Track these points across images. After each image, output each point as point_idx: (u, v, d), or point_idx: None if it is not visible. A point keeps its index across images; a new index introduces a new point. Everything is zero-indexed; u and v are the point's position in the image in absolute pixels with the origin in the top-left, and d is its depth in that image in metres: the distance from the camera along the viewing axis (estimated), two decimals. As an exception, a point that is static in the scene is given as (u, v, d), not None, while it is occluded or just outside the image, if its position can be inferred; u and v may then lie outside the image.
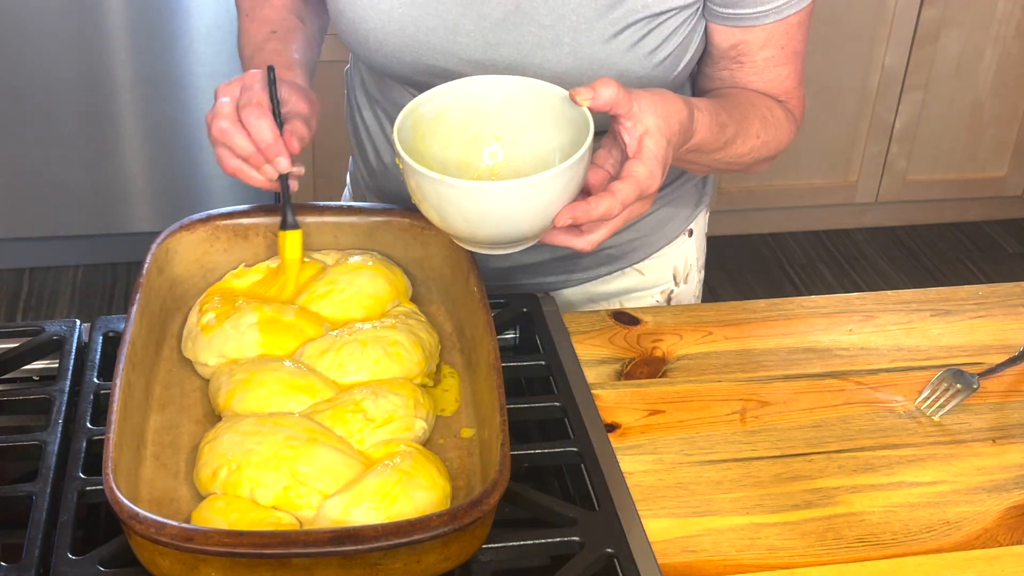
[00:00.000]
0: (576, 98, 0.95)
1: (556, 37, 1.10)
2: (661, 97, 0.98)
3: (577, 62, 1.10)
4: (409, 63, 1.14)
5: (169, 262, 1.09)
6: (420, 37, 1.12)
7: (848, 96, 3.10)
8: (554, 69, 1.10)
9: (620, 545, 0.90)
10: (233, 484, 0.90)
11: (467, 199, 0.94)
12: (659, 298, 1.38)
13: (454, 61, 1.12)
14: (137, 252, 2.11)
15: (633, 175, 0.95)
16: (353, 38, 1.16)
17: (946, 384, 1.16)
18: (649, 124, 0.96)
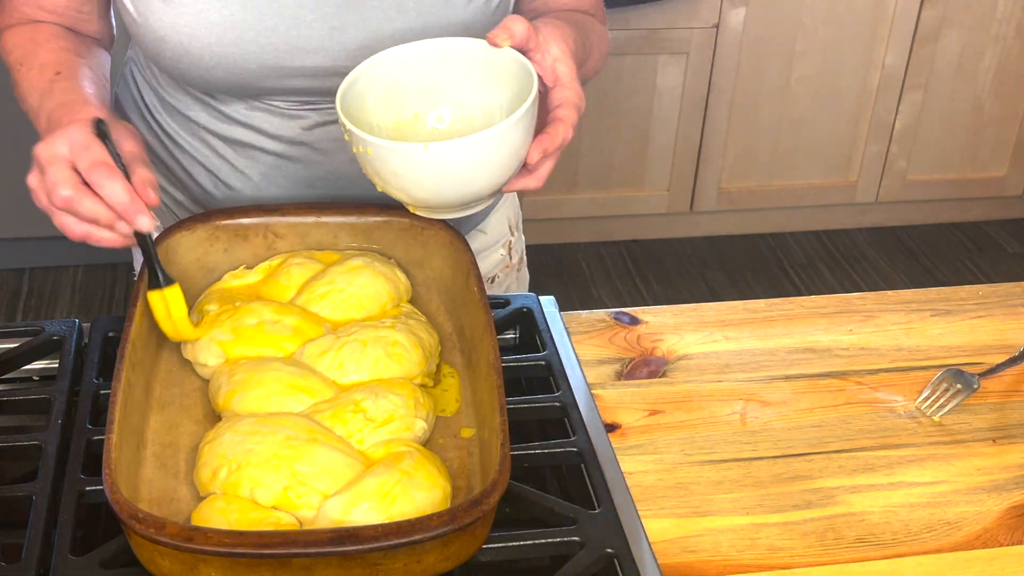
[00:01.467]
0: (496, 40, 1.00)
1: (399, 5, 1.09)
2: (554, 25, 1.05)
3: (424, 25, 1.10)
4: (253, 70, 1.11)
5: (169, 262, 1.09)
6: (261, 40, 1.09)
7: (848, 96, 3.10)
8: (405, 38, 1.09)
9: (620, 545, 0.90)
10: (233, 484, 0.90)
11: (440, 161, 0.95)
12: (503, 252, 1.39)
13: (300, 55, 1.10)
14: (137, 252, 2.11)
15: (566, 99, 1.01)
16: (184, 62, 1.11)
17: (946, 384, 1.16)
18: (555, 52, 1.02)
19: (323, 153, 1.18)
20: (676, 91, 2.99)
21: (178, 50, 1.10)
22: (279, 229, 1.14)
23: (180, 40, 1.09)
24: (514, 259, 1.42)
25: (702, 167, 3.13)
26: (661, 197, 3.16)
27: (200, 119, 1.20)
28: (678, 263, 3.21)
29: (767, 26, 2.96)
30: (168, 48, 1.11)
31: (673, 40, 2.92)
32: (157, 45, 1.11)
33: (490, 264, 1.38)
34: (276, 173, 1.20)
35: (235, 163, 1.20)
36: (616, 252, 3.23)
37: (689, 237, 3.31)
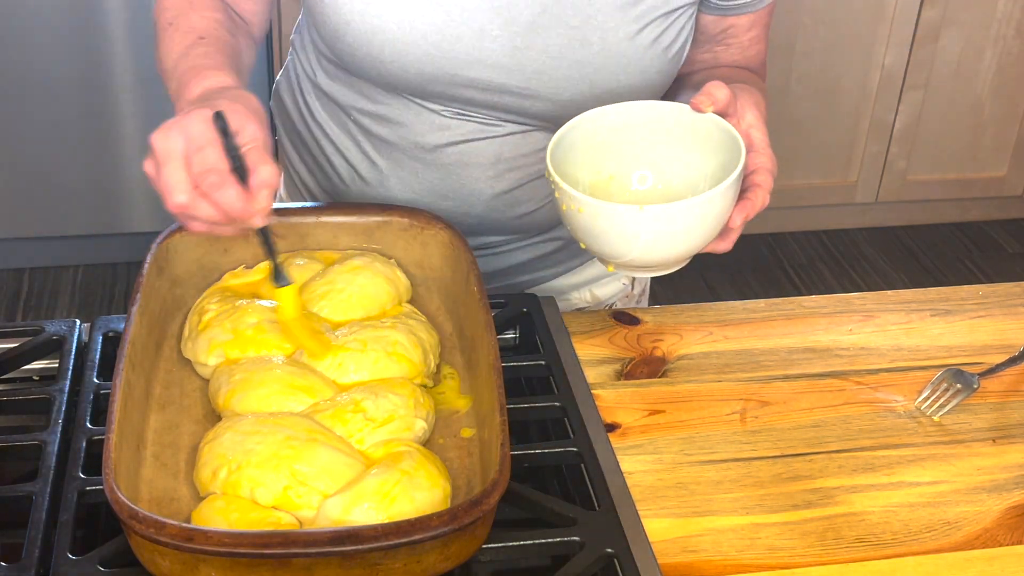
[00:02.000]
0: (700, 106, 1.03)
1: (584, 37, 1.10)
2: (748, 92, 1.07)
3: (604, 61, 1.11)
4: (428, 73, 1.11)
5: (169, 262, 1.09)
6: (444, 46, 1.10)
7: (848, 96, 3.11)
8: (582, 70, 1.11)
9: (620, 545, 0.90)
10: (233, 484, 0.90)
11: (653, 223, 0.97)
12: (625, 281, 1.40)
13: (479, 68, 1.11)
14: (137, 252, 2.11)
15: (761, 165, 1.05)
16: (363, 51, 1.11)
17: (946, 384, 1.16)
18: (750, 118, 1.05)
19: (464, 167, 1.19)
20: (676, 91, 2.99)
21: (360, 38, 1.10)
22: (279, 229, 1.13)
23: (365, 29, 1.10)
24: (636, 290, 1.42)
25: (702, 167, 3.12)
26: (661, 197, 3.16)
27: (351, 111, 1.20)
28: (678, 263, 3.21)
29: (767, 26, 2.95)
30: (351, 34, 1.11)
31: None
32: (340, 28, 1.11)
33: (609, 292, 1.39)
34: (413, 178, 1.20)
35: (376, 161, 1.21)
36: (616, 252, 3.23)
37: (689, 237, 3.30)
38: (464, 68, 1.11)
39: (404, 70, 1.12)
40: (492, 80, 1.12)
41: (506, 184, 1.20)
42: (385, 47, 1.10)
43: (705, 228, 1.00)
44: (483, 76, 1.12)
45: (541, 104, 1.14)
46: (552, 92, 1.12)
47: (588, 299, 1.38)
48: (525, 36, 1.10)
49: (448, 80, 1.12)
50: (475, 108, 1.15)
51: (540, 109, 1.14)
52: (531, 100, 1.13)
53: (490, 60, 1.11)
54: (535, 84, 1.12)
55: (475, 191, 1.20)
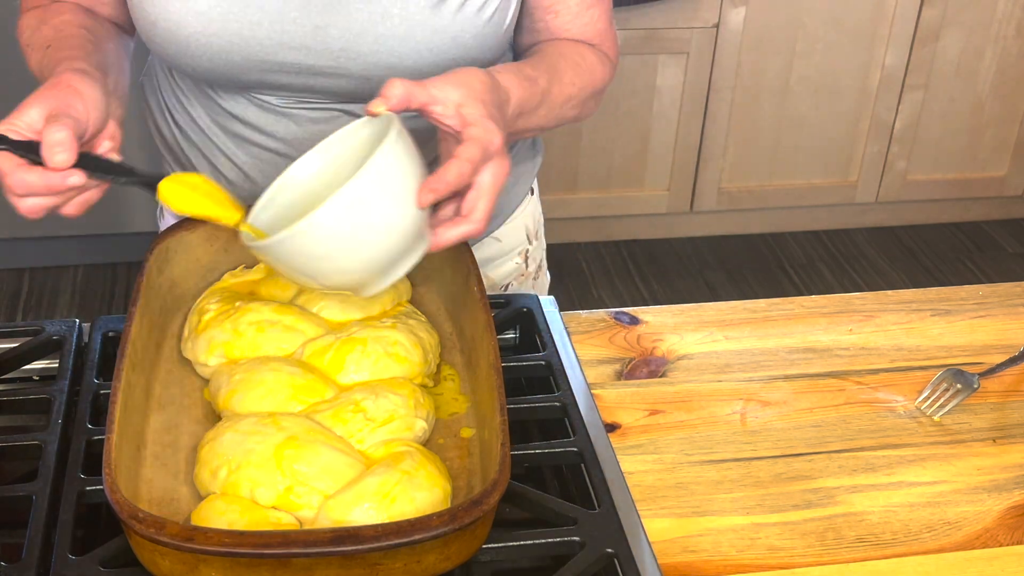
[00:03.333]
0: (372, 110, 0.93)
1: (384, 10, 1.09)
2: (453, 73, 0.98)
3: (409, 30, 1.09)
4: (237, 62, 1.11)
5: (169, 262, 1.09)
6: (245, 32, 1.09)
7: (848, 96, 3.11)
8: (388, 43, 1.10)
9: (620, 545, 0.90)
10: (233, 484, 0.90)
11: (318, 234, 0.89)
12: (518, 259, 1.39)
13: (284, 51, 1.11)
14: (137, 252, 2.11)
15: (470, 136, 0.94)
16: (173, 48, 1.11)
17: (946, 384, 1.16)
18: (455, 97, 0.95)
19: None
20: (676, 91, 2.99)
21: (167, 36, 1.11)
22: (279, 229, 1.14)
23: (169, 26, 1.10)
24: (531, 267, 1.41)
25: (702, 167, 3.13)
26: (661, 197, 3.16)
27: (200, 111, 1.21)
28: (678, 263, 3.21)
29: (767, 26, 2.96)
30: (159, 33, 1.11)
31: (673, 40, 2.92)
32: (149, 29, 1.12)
33: (503, 272, 1.38)
34: (272, 170, 1.19)
35: (234, 158, 1.21)
36: (616, 252, 3.24)
37: (689, 237, 3.31)
38: (270, 53, 1.11)
39: (212, 61, 1.12)
40: (300, 62, 1.11)
41: None
42: (190, 41, 1.10)
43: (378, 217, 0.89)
44: (289, 59, 1.11)
45: (355, 82, 1.12)
46: (362, 69, 1.11)
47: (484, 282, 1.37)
48: (324, 15, 1.09)
49: (260, 67, 1.12)
50: (301, 94, 1.15)
51: (355, 87, 1.13)
52: (343, 79, 1.12)
53: (294, 42, 1.10)
54: (344, 62, 1.11)
55: None
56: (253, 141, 1.19)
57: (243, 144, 1.20)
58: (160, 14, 1.10)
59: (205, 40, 1.10)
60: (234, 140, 1.21)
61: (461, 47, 1.11)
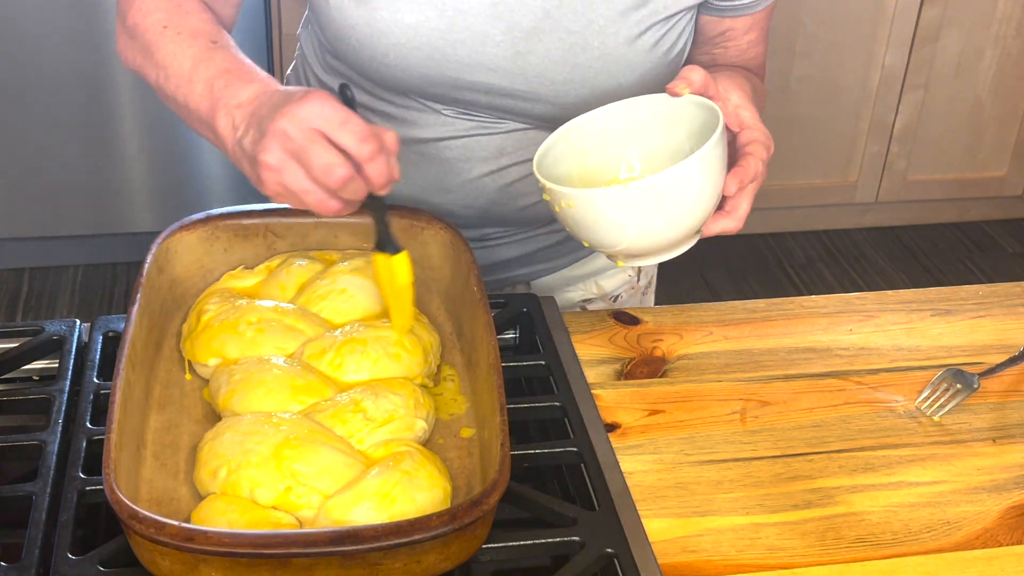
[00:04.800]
0: (676, 90, 1.02)
1: (584, 41, 1.11)
2: (729, 76, 1.07)
3: (605, 65, 1.12)
4: (431, 77, 1.12)
5: (169, 262, 1.09)
6: (447, 50, 1.10)
7: (848, 96, 3.10)
8: (583, 73, 1.12)
9: (620, 545, 0.90)
10: (233, 484, 0.90)
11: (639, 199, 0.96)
12: (631, 272, 1.40)
13: (480, 71, 1.12)
14: (137, 252, 2.12)
15: (754, 139, 1.03)
16: (366, 54, 1.12)
17: (946, 384, 1.16)
18: (735, 99, 1.04)
19: (466, 161, 1.19)
20: (676, 91, 2.99)
21: (365, 42, 1.10)
22: (279, 229, 1.14)
23: (369, 32, 1.10)
24: (642, 282, 1.43)
25: (702, 167, 3.12)
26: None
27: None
28: (678, 263, 3.21)
29: (767, 26, 2.95)
30: (355, 37, 1.11)
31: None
32: (345, 31, 1.11)
33: (615, 283, 1.39)
34: (415, 171, 1.20)
35: None
36: (616, 252, 3.23)
37: (689, 237, 3.30)
38: (466, 72, 1.12)
39: (407, 73, 1.12)
40: (494, 84, 1.13)
41: (508, 178, 1.20)
42: (389, 51, 1.11)
43: (695, 197, 0.98)
44: (485, 80, 1.12)
45: (542, 106, 1.14)
46: (553, 95, 1.13)
47: (594, 291, 1.38)
48: (527, 41, 1.11)
49: (451, 83, 1.13)
50: (477, 109, 1.16)
51: (541, 111, 1.15)
52: (532, 103, 1.14)
53: (492, 64, 1.11)
54: (537, 87, 1.13)
55: (477, 185, 1.20)
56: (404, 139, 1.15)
57: None
58: (362, 19, 1.09)
59: (406, 52, 1.10)
60: None
61: (645, 84, 1.14)
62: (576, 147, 1.06)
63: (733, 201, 1.03)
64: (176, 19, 1.07)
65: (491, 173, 1.20)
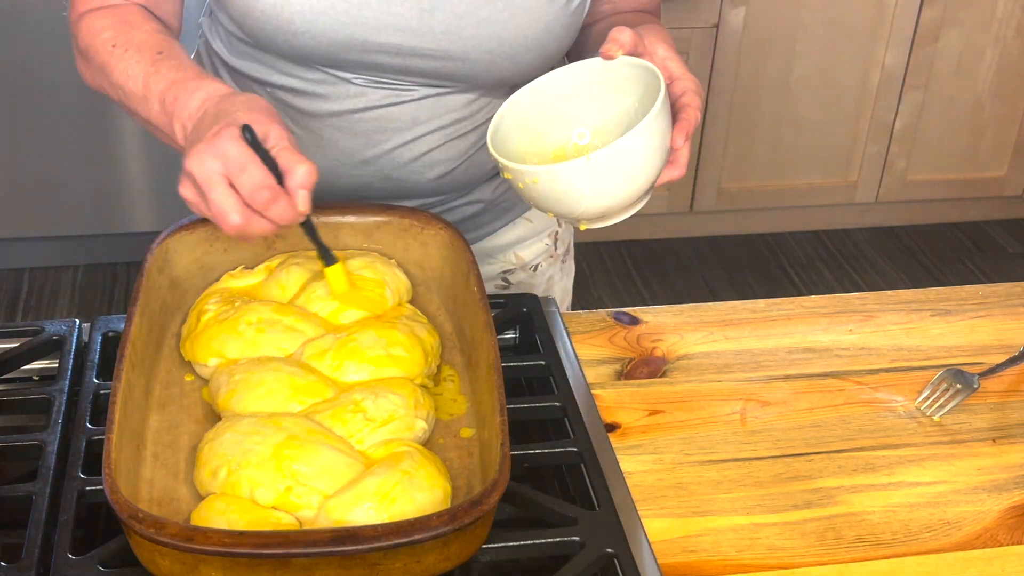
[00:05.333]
0: (610, 53, 1.05)
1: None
2: (652, 29, 1.11)
3: (511, 17, 1.12)
4: (339, 41, 1.12)
5: (169, 262, 1.09)
6: (353, 12, 1.11)
7: (848, 96, 3.10)
8: (489, 27, 1.12)
9: (620, 545, 0.90)
10: (233, 484, 0.90)
11: (603, 168, 0.99)
12: (547, 241, 1.40)
13: (387, 32, 1.12)
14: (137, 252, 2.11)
15: (687, 89, 1.06)
16: (272, 25, 1.12)
17: (946, 384, 1.16)
18: (662, 52, 1.07)
19: (381, 132, 1.20)
20: (676, 91, 2.99)
21: (269, 12, 1.11)
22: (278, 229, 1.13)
23: (273, 2, 1.10)
24: (559, 249, 1.43)
25: (702, 167, 3.13)
26: (661, 197, 3.16)
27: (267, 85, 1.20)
28: (678, 263, 3.21)
29: (767, 26, 2.96)
30: (258, 10, 1.11)
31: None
32: (248, 6, 1.12)
33: (533, 252, 1.40)
34: (332, 146, 1.21)
35: (294, 131, 1.21)
36: (616, 252, 3.24)
37: (689, 237, 3.31)
38: (374, 33, 1.12)
39: (315, 40, 1.13)
40: (402, 44, 1.13)
41: (424, 146, 1.21)
42: (295, 18, 1.11)
43: (652, 157, 1.01)
44: (393, 40, 1.13)
45: (452, 64, 1.15)
46: (462, 51, 1.14)
47: (513, 261, 1.39)
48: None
49: (359, 47, 1.13)
50: (388, 74, 1.16)
51: (451, 69, 1.15)
52: (442, 61, 1.14)
53: (399, 24, 1.12)
54: (445, 44, 1.13)
55: (394, 155, 1.21)
56: (319, 115, 1.19)
57: (307, 118, 1.20)
58: None
59: (311, 18, 1.11)
60: (295, 115, 1.20)
61: (551, 34, 1.15)
62: (521, 121, 1.08)
63: (677, 151, 1.05)
64: (123, 36, 1.11)
65: (406, 143, 1.20)
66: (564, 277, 1.46)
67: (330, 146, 1.21)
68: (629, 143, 0.98)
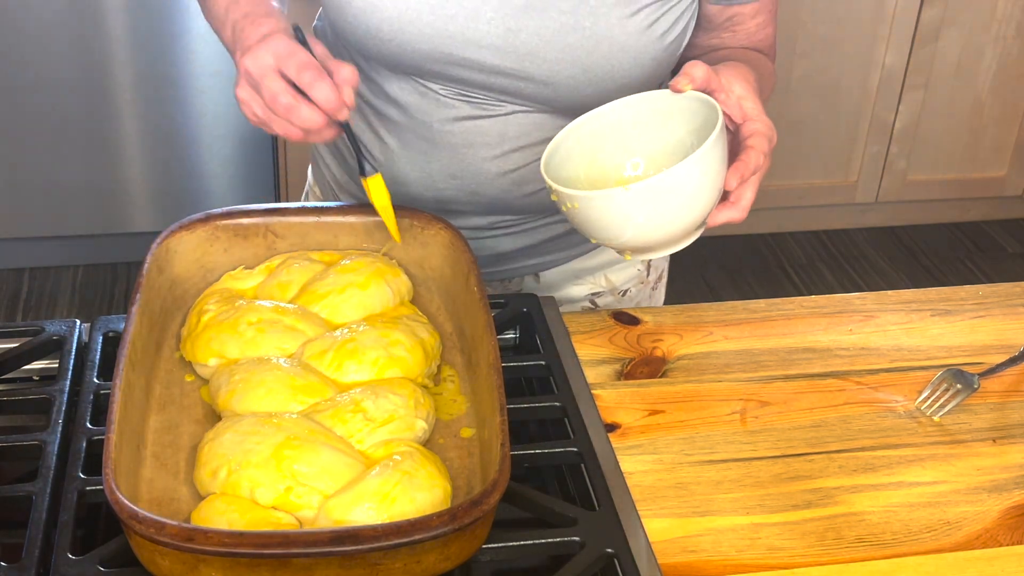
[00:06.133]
0: (678, 87, 1.04)
1: (576, 22, 1.12)
2: (733, 67, 1.08)
3: (596, 46, 1.12)
4: (424, 51, 1.14)
5: (169, 262, 1.09)
6: (439, 25, 1.12)
7: (848, 96, 3.10)
8: (574, 53, 1.12)
9: (620, 545, 0.90)
10: (233, 484, 0.90)
11: (642, 199, 0.98)
12: (640, 267, 1.40)
13: (472, 48, 1.13)
14: (137, 252, 2.11)
15: (756, 131, 1.05)
16: (362, 29, 1.14)
17: (946, 384, 1.16)
18: (739, 90, 1.06)
19: (470, 146, 1.20)
20: (676, 91, 2.99)
21: (360, 16, 1.13)
22: (279, 229, 1.14)
23: (364, 7, 1.13)
24: (651, 276, 1.43)
25: (702, 167, 3.12)
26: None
27: (361, 92, 1.22)
28: (678, 263, 3.21)
29: (767, 26, 2.95)
30: (351, 12, 1.14)
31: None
32: (342, 7, 1.14)
33: (624, 277, 1.39)
34: (422, 157, 1.22)
35: (386, 140, 1.23)
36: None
37: (689, 237, 3.30)
38: (459, 48, 1.13)
39: (401, 48, 1.14)
40: (485, 61, 1.13)
41: (512, 163, 1.21)
42: (383, 24, 1.13)
43: (697, 194, 1.00)
44: (477, 56, 1.13)
45: (535, 86, 1.15)
46: (545, 75, 1.14)
47: (603, 284, 1.38)
48: (518, 18, 1.12)
49: (444, 59, 1.14)
50: (473, 89, 1.17)
51: (534, 91, 1.16)
52: (525, 82, 1.15)
53: (484, 41, 1.12)
54: (528, 66, 1.13)
55: (482, 170, 1.21)
56: (407, 127, 1.21)
57: (396, 128, 1.22)
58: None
59: (399, 27, 1.12)
60: (385, 123, 1.22)
61: (640, 66, 1.14)
62: (583, 144, 1.08)
63: (736, 192, 1.04)
64: None
65: (494, 159, 1.20)
66: (654, 304, 1.45)
67: (420, 157, 1.22)
68: (671, 177, 0.98)
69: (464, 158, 1.21)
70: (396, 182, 1.23)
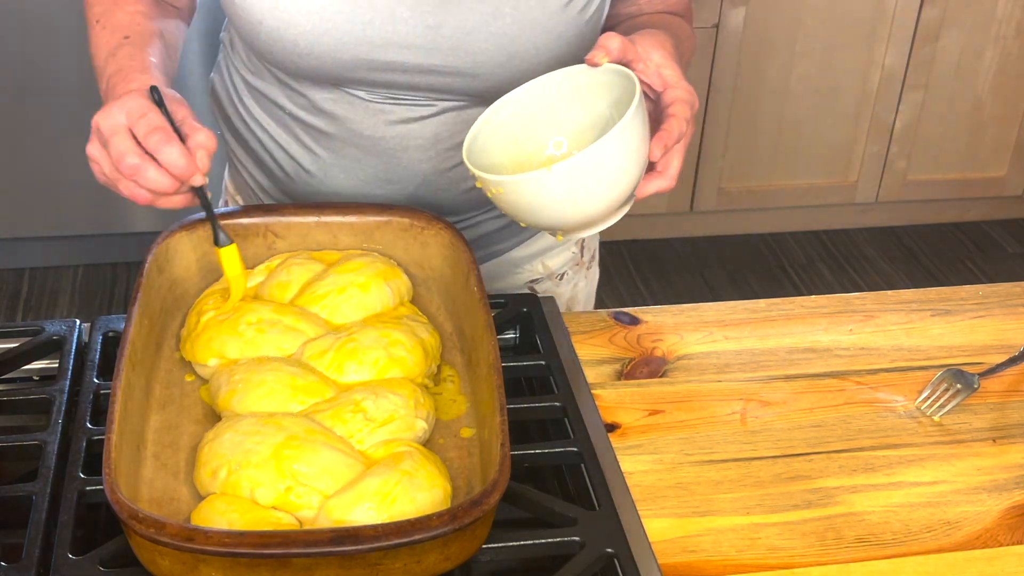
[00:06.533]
0: (595, 60, 1.02)
1: (496, 9, 1.11)
2: (649, 35, 1.07)
3: (520, 31, 1.11)
4: (345, 61, 1.12)
5: (169, 262, 1.09)
6: (356, 32, 1.10)
7: (848, 96, 3.10)
8: (498, 41, 1.11)
9: (620, 545, 0.90)
10: (233, 484, 0.90)
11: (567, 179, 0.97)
12: (574, 250, 1.40)
13: (393, 50, 1.12)
14: (137, 252, 2.11)
15: (677, 98, 1.03)
16: (278, 47, 1.13)
17: (946, 384, 1.16)
18: (656, 58, 1.04)
19: (404, 150, 1.19)
20: (676, 91, 2.99)
21: (274, 35, 1.12)
22: (279, 229, 1.14)
23: (277, 25, 1.11)
24: (585, 256, 1.44)
25: (702, 167, 3.13)
26: (661, 197, 3.16)
27: (284, 105, 1.21)
28: (678, 263, 3.21)
29: (767, 26, 2.96)
30: (264, 31, 1.12)
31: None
32: (254, 27, 1.13)
33: (560, 261, 1.40)
34: (355, 165, 1.21)
35: (317, 152, 1.22)
36: (616, 252, 3.24)
37: (689, 237, 3.31)
38: (380, 52, 1.12)
39: (320, 60, 1.13)
40: (408, 61, 1.12)
41: (448, 162, 1.21)
42: (299, 40, 1.11)
43: (620, 169, 0.99)
44: (399, 58, 1.12)
45: (462, 80, 1.14)
46: (471, 67, 1.13)
47: (540, 270, 1.39)
48: (436, 14, 1.11)
49: (367, 65, 1.13)
50: (401, 91, 1.16)
51: (463, 85, 1.14)
52: (452, 77, 1.14)
53: (404, 41, 1.11)
54: (453, 61, 1.12)
55: (418, 172, 1.21)
56: (339, 136, 1.20)
57: (326, 138, 1.21)
58: (268, 12, 1.11)
59: (315, 39, 1.11)
60: (315, 135, 1.21)
61: (564, 43, 1.13)
62: (504, 128, 1.07)
63: (662, 161, 1.02)
64: (106, 14, 1.16)
65: (430, 159, 1.20)
66: (589, 283, 1.46)
67: (354, 165, 1.21)
68: (592, 154, 0.96)
69: (400, 162, 1.20)
70: (330, 192, 1.22)
